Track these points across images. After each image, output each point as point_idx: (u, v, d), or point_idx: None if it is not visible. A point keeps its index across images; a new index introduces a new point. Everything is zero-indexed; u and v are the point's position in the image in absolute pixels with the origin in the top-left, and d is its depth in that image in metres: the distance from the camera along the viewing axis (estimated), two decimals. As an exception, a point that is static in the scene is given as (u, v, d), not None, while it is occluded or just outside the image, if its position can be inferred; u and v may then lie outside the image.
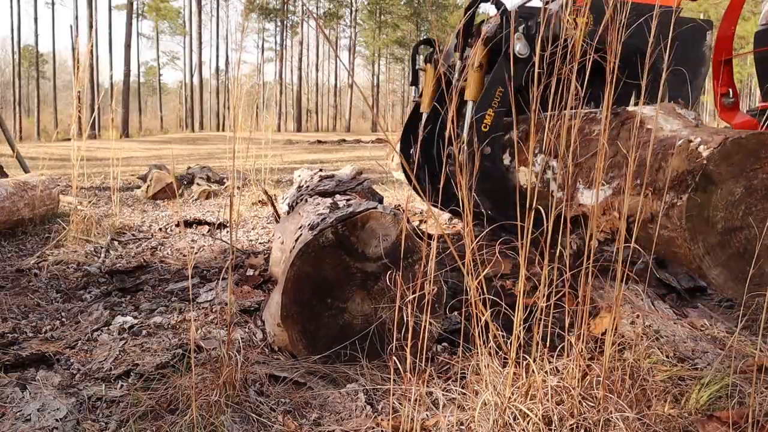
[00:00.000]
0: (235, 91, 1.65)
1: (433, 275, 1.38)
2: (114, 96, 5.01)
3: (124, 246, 3.49)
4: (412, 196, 4.10)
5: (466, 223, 1.31)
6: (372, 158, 12.03)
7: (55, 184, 4.24)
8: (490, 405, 1.25)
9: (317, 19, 7.95)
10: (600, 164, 1.37)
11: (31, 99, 42.49)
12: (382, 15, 50.15)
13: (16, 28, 37.31)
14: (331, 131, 46.98)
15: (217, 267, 2.94)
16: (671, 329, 1.87)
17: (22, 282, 2.64)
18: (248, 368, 1.57)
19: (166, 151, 16.00)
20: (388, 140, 1.30)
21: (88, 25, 31.74)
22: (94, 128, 23.94)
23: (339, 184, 2.50)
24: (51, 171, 5.64)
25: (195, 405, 1.33)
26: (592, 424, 1.22)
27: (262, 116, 8.72)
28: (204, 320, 2.11)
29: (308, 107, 54.19)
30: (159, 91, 51.08)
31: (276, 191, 5.54)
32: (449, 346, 1.88)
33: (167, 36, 47.92)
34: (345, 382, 1.61)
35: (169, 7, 44.69)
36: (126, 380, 1.60)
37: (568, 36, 1.23)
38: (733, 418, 1.27)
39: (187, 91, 45.14)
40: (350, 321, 1.71)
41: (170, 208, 5.10)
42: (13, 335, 1.95)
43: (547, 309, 1.29)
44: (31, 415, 1.38)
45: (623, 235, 1.32)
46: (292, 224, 2.13)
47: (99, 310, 2.21)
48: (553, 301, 1.31)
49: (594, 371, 1.29)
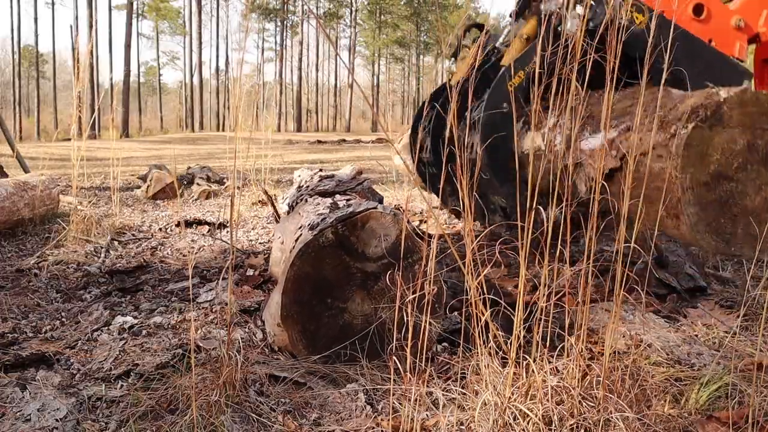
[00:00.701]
0: (236, 91, 1.65)
1: (433, 275, 1.38)
2: (114, 96, 5.02)
3: (124, 246, 3.49)
4: (412, 196, 4.11)
5: (466, 222, 1.31)
6: (372, 158, 12.03)
7: (55, 184, 4.24)
8: (490, 405, 1.25)
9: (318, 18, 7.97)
10: (609, 94, 1.36)
11: (31, 99, 42.50)
12: (382, 15, 50.17)
13: (16, 28, 37.34)
14: (331, 131, 46.98)
15: (217, 267, 2.94)
16: (664, 336, 1.88)
17: (22, 282, 2.64)
18: (248, 368, 1.57)
19: (166, 151, 16.00)
20: (388, 140, 1.30)
21: (88, 25, 31.76)
22: (94, 128, 23.93)
23: (339, 184, 2.50)
24: (51, 171, 5.64)
25: (195, 405, 1.33)
26: (592, 424, 1.22)
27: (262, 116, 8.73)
28: (204, 320, 2.11)
29: (308, 107, 54.18)
30: (159, 91, 51.09)
31: (276, 191, 5.54)
32: (449, 346, 1.88)
33: (167, 36, 47.97)
34: (345, 382, 1.61)
35: (169, 7, 44.71)
36: (126, 380, 1.60)
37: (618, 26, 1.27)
38: (732, 418, 1.27)
39: (187, 91, 45.15)
40: (350, 321, 1.71)
41: (170, 208, 5.10)
42: (13, 335, 1.95)
43: (547, 309, 1.29)
44: (31, 415, 1.38)
45: (623, 235, 1.32)
46: (292, 224, 2.13)
47: (99, 310, 2.21)
48: (553, 300, 1.31)
49: (594, 371, 1.29)
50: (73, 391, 1.52)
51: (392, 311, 1.68)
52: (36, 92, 39.22)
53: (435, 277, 1.50)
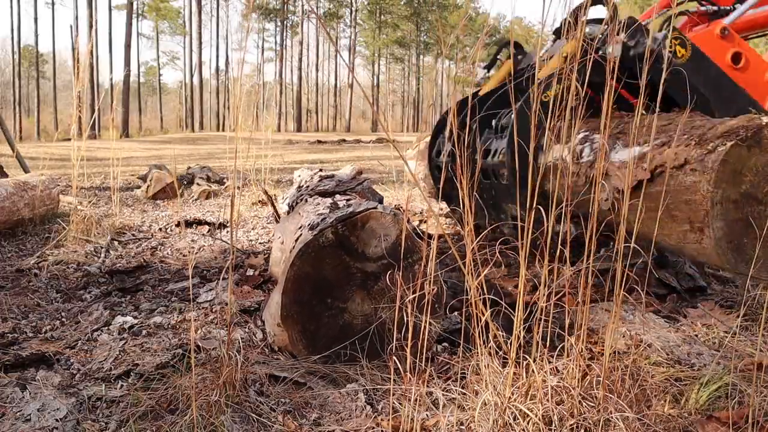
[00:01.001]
0: (236, 91, 1.65)
1: (433, 275, 1.38)
2: (114, 96, 5.01)
3: (124, 246, 3.49)
4: (412, 196, 4.11)
5: (466, 222, 1.31)
6: (372, 158, 12.03)
7: (55, 184, 4.24)
8: (490, 405, 1.25)
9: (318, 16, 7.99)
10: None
11: (31, 99, 42.50)
12: (382, 15, 50.19)
13: (16, 28, 37.34)
14: (331, 131, 47.00)
15: (217, 267, 2.94)
16: (664, 336, 1.88)
17: (22, 282, 2.64)
18: (248, 368, 1.57)
19: (166, 151, 16.00)
20: (389, 139, 1.30)
21: (88, 25, 31.77)
22: (94, 128, 23.95)
23: (339, 184, 2.50)
24: (51, 171, 5.64)
25: (195, 405, 1.33)
26: (592, 424, 1.22)
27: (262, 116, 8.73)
28: (204, 320, 2.11)
29: (308, 107, 54.19)
30: (159, 91, 51.12)
31: (276, 191, 5.54)
32: (449, 346, 1.88)
33: (167, 36, 47.98)
34: (345, 382, 1.61)
35: (169, 7, 44.74)
36: (126, 380, 1.60)
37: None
38: (732, 418, 1.27)
39: (187, 91, 45.17)
40: (350, 321, 1.71)
41: (170, 208, 5.10)
42: (13, 335, 1.95)
43: (547, 309, 1.29)
44: (31, 415, 1.38)
45: (623, 235, 1.32)
46: (292, 224, 2.13)
47: (99, 310, 2.21)
48: (553, 300, 1.31)
49: (594, 371, 1.29)
50: (73, 391, 1.53)
51: (392, 311, 1.68)
52: (36, 92, 39.23)
53: (435, 277, 1.50)
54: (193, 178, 6.49)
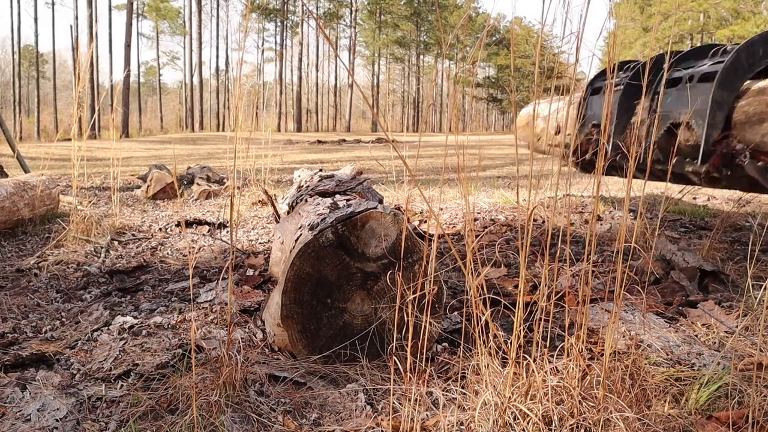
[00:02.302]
0: (236, 91, 1.65)
1: (433, 275, 1.38)
2: (114, 96, 5.00)
3: (124, 246, 3.49)
4: (412, 196, 4.10)
5: (466, 223, 1.31)
6: (372, 158, 12.02)
7: (55, 184, 4.24)
8: (490, 405, 1.25)
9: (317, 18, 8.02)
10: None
11: (31, 99, 42.51)
12: (382, 15, 50.20)
13: (16, 28, 37.34)
14: (331, 131, 46.98)
15: (217, 267, 2.94)
16: (664, 336, 1.88)
17: (22, 282, 2.64)
18: (248, 368, 1.58)
19: (166, 151, 16.00)
20: (389, 139, 1.30)
21: (88, 25, 31.74)
22: (94, 128, 23.94)
23: (339, 184, 2.50)
24: (51, 171, 5.64)
25: (195, 405, 1.33)
26: (592, 424, 1.22)
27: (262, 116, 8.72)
28: (204, 320, 2.11)
29: (308, 107, 54.18)
30: (159, 91, 51.10)
31: (276, 191, 5.54)
32: (449, 346, 1.88)
33: (167, 36, 47.98)
34: (345, 382, 1.61)
35: (169, 7, 44.75)
36: (126, 380, 1.60)
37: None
38: (732, 418, 1.27)
39: (187, 91, 45.15)
40: (350, 321, 1.71)
41: (170, 208, 5.10)
42: (13, 335, 1.95)
43: (547, 309, 1.29)
44: (31, 415, 1.38)
45: (623, 235, 1.32)
46: (292, 224, 2.13)
47: (99, 310, 2.21)
48: (553, 300, 1.31)
49: (594, 371, 1.29)
50: (73, 391, 1.52)
51: (392, 311, 1.68)
52: (36, 92, 39.20)
53: (435, 277, 1.50)
54: (193, 178, 6.49)
